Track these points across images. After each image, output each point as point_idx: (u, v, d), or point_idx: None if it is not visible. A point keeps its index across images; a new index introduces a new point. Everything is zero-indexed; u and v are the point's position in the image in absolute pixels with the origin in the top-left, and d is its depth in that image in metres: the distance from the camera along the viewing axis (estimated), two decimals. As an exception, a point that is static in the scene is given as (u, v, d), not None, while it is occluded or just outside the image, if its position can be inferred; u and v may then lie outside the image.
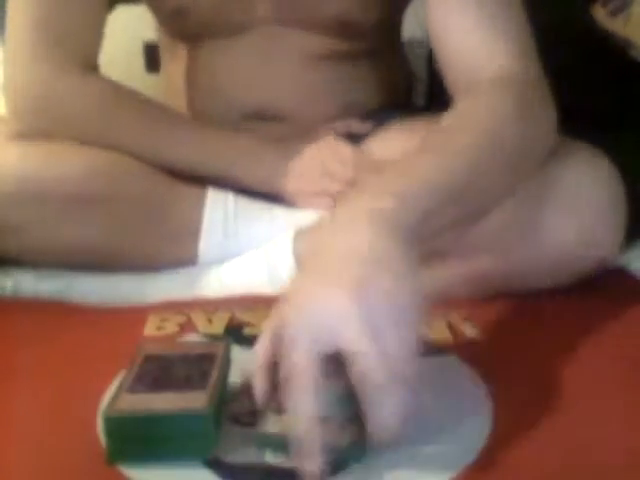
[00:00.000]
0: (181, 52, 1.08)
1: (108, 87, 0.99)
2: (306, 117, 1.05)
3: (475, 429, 0.68)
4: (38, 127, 0.96)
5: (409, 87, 1.20)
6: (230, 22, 1.02)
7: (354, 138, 1.05)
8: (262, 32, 1.02)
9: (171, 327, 0.87)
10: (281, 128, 1.05)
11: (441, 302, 0.89)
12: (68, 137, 0.95)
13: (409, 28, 1.18)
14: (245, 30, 1.03)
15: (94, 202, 0.93)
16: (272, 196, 1.00)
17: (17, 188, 0.91)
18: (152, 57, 1.30)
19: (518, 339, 0.83)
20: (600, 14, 1.18)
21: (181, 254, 0.98)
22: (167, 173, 0.98)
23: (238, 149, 1.00)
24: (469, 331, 0.85)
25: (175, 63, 1.10)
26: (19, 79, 0.97)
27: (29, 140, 0.95)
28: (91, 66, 0.99)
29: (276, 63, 1.04)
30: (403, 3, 1.08)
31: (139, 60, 1.38)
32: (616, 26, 1.17)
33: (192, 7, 1.01)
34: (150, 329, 0.87)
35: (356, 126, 1.06)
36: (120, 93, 1.00)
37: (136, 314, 0.90)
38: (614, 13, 1.18)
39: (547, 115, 0.84)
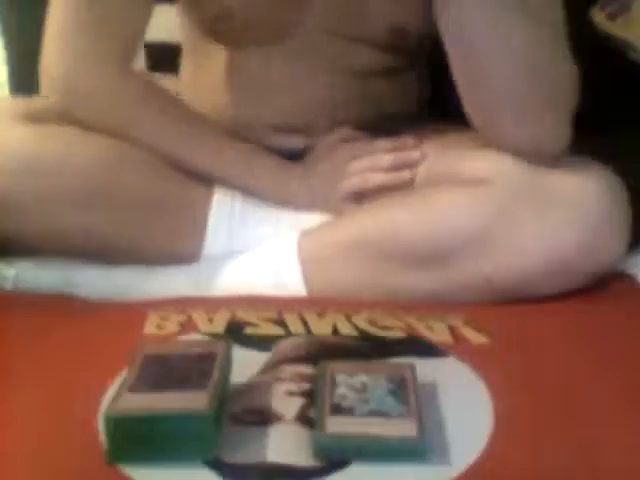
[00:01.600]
0: (205, 58, 1.07)
1: (143, 87, 0.99)
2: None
3: (475, 430, 0.68)
4: (66, 108, 0.96)
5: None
6: (273, 29, 1.01)
7: None
8: (303, 41, 1.00)
9: (171, 326, 0.87)
10: (309, 140, 1.05)
11: (442, 305, 0.90)
12: (92, 126, 0.95)
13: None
14: (287, 38, 1.01)
15: (98, 192, 0.93)
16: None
17: (20, 168, 0.91)
18: (153, 57, 1.30)
19: (519, 342, 0.83)
20: (599, 17, 1.18)
21: (185, 251, 0.98)
22: (176, 169, 0.98)
23: (263, 177, 1.00)
24: (470, 334, 0.85)
25: (199, 68, 1.09)
26: (55, 63, 0.96)
27: (41, 122, 0.94)
28: (128, 62, 0.98)
29: (313, 74, 1.02)
30: None
31: (140, 59, 1.38)
32: (615, 29, 1.17)
33: (238, 12, 0.98)
34: (150, 328, 0.86)
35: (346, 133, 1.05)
36: (154, 95, 0.99)
37: (136, 312, 0.90)
38: (613, 16, 1.18)
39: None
